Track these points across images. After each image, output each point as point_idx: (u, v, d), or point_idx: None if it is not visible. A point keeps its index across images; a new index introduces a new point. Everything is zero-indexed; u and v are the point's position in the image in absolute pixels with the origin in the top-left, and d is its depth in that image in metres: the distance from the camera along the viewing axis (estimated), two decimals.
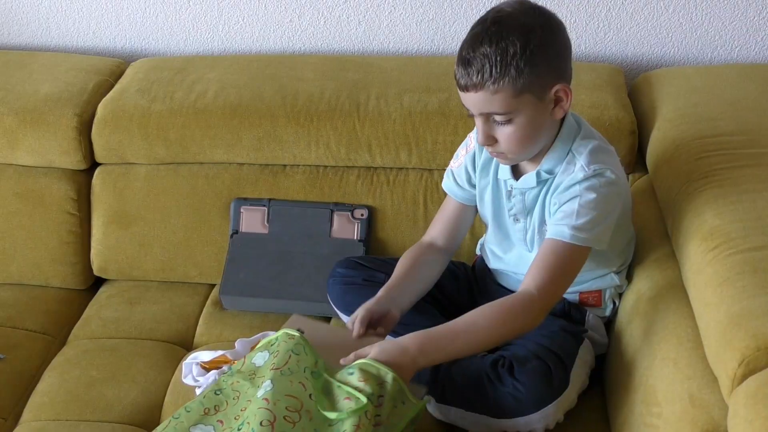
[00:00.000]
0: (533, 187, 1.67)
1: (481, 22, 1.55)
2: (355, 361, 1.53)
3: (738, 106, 1.92)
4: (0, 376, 1.86)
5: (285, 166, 2.09)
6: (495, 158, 1.68)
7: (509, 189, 1.71)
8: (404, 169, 2.07)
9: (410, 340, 1.54)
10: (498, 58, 1.50)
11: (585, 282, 1.74)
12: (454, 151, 1.91)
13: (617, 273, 1.75)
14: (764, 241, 1.47)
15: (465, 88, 1.55)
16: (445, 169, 1.84)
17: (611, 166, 1.62)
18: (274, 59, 2.26)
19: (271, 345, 1.60)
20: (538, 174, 1.64)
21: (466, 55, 1.53)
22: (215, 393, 1.56)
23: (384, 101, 2.04)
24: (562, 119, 1.63)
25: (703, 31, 2.24)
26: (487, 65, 1.51)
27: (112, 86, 2.20)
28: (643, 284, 1.70)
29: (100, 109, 2.11)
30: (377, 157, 2.04)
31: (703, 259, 1.51)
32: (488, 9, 1.58)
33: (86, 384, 1.83)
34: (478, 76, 1.52)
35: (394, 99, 2.05)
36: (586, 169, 1.59)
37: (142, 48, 2.41)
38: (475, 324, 1.56)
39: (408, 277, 1.76)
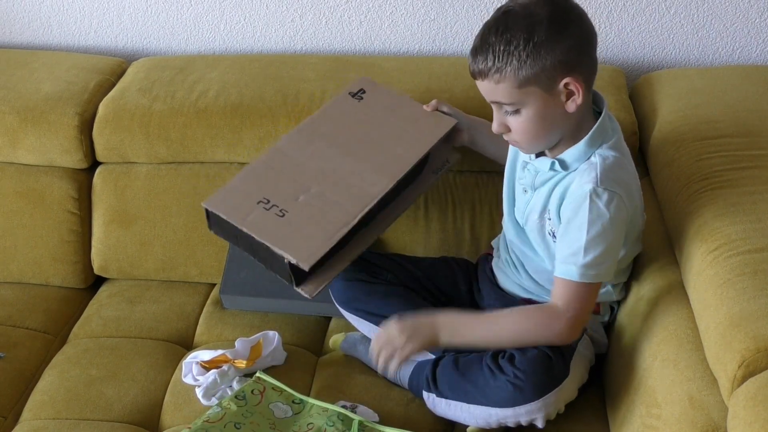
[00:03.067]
0: (545, 172, 1.66)
1: (496, 11, 1.57)
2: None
3: (739, 108, 1.91)
4: (0, 374, 1.86)
5: None
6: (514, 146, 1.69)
7: (525, 161, 1.70)
8: None
9: (442, 317, 1.66)
10: (501, 48, 1.51)
11: None
12: None
13: (614, 286, 1.74)
14: (765, 243, 1.47)
15: (473, 76, 1.58)
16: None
17: (624, 189, 1.58)
18: (276, 59, 2.25)
19: (295, 403, 1.68)
20: (553, 163, 1.63)
21: (475, 44, 1.56)
22: (235, 426, 1.61)
23: None
24: (598, 114, 1.61)
25: (705, 32, 2.24)
26: (490, 55, 1.52)
27: (113, 85, 2.20)
28: (643, 285, 1.70)
29: (102, 108, 2.11)
30: None
31: (704, 260, 1.51)
32: (489, 9, 1.58)
33: (86, 383, 1.83)
34: (482, 65, 1.54)
35: None
36: (598, 184, 1.55)
37: (143, 47, 2.41)
38: (501, 323, 1.65)
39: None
